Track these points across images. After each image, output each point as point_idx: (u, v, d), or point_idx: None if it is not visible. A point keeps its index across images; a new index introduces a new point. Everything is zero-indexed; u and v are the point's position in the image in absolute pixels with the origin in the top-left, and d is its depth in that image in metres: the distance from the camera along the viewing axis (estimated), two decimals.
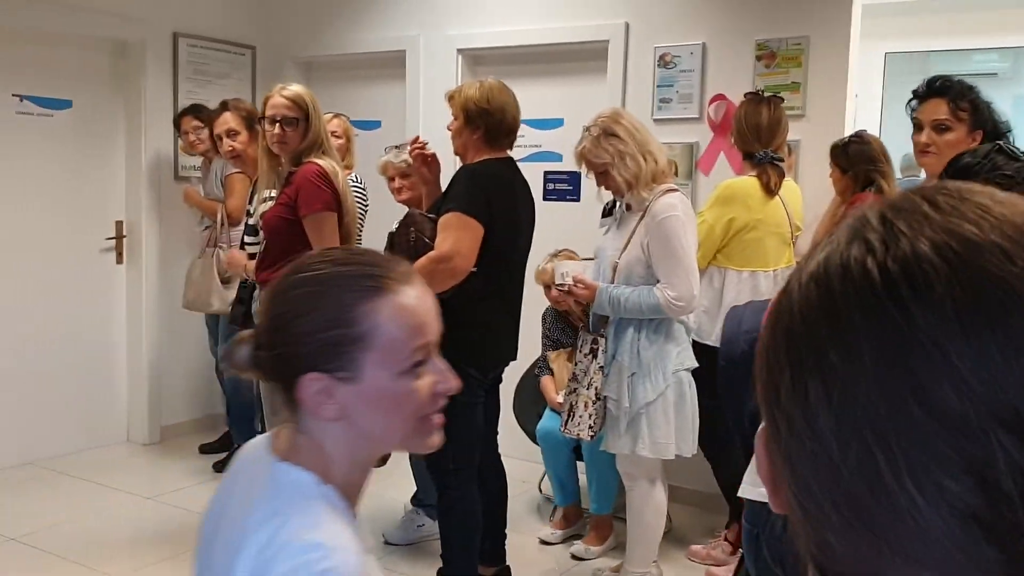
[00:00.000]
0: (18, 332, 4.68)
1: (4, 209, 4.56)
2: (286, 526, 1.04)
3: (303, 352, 1.10)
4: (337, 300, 1.11)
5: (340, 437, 1.13)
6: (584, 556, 3.77)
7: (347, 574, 1.02)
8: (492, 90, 3.14)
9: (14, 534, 3.87)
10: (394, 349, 1.11)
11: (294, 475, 1.11)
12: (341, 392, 1.10)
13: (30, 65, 4.66)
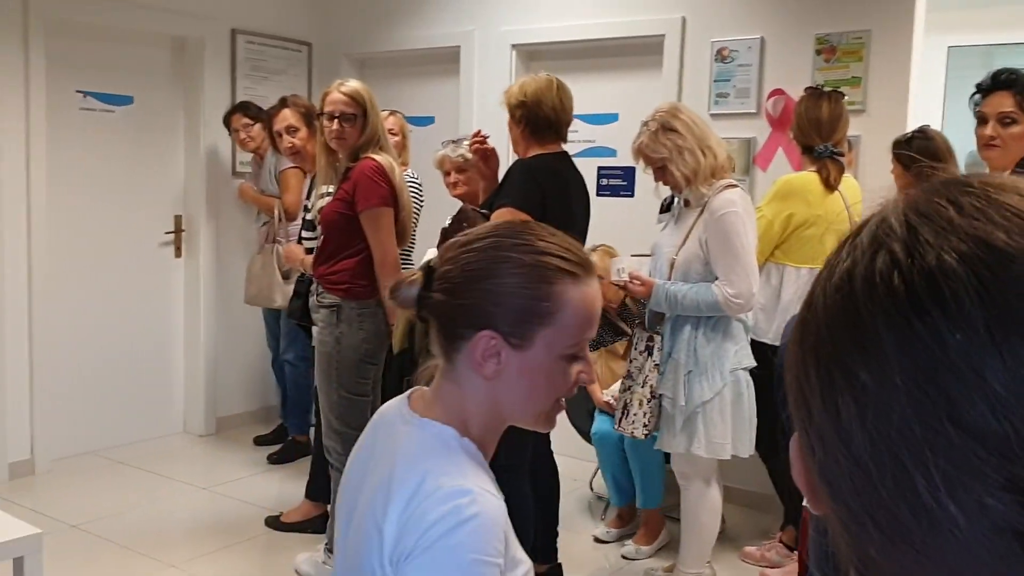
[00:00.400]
0: (81, 324, 4.78)
1: (68, 204, 4.65)
2: (432, 475, 1.11)
3: (491, 310, 1.17)
4: (538, 274, 1.18)
5: (485, 394, 1.19)
6: (634, 556, 3.74)
7: (492, 517, 1.09)
8: (531, 84, 3.15)
9: (76, 521, 3.96)
10: (567, 333, 1.18)
11: (436, 429, 1.19)
12: (507, 355, 1.17)
13: (93, 62, 4.75)
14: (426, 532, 1.07)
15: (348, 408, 3.35)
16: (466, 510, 1.07)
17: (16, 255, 4.36)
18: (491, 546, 1.08)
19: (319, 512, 3.90)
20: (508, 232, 1.22)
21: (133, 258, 4.99)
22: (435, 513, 1.07)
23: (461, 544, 1.07)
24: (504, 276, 1.17)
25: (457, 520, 1.07)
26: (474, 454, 1.18)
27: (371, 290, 3.31)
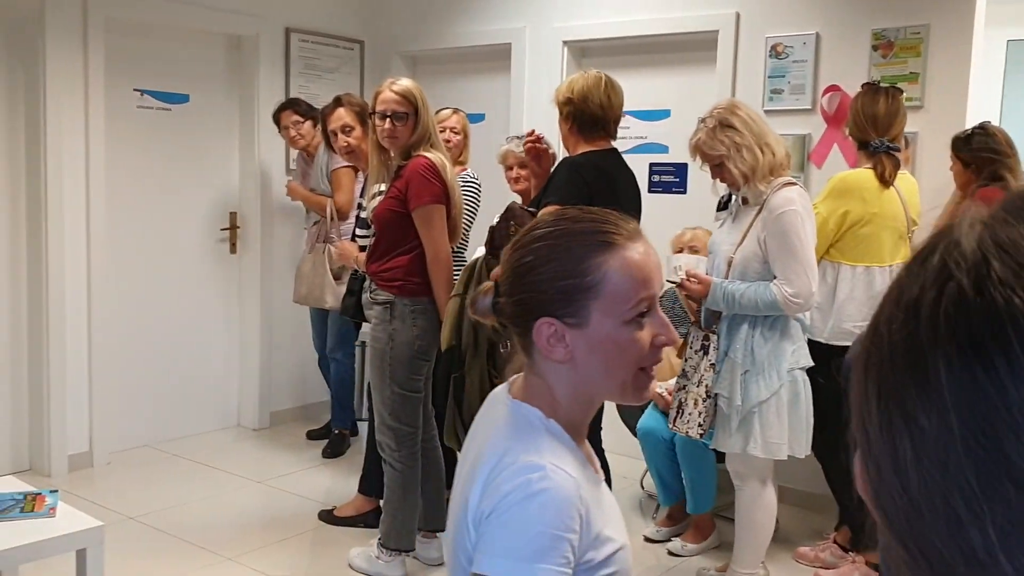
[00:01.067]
0: (138, 320, 4.87)
1: (125, 201, 4.74)
2: (512, 451, 1.18)
3: (540, 299, 1.23)
4: (571, 253, 1.22)
5: (567, 378, 1.24)
6: (680, 552, 3.73)
7: (562, 493, 1.13)
8: (577, 81, 3.16)
9: (133, 514, 4.03)
10: (619, 299, 1.20)
11: (524, 410, 1.25)
12: (570, 336, 1.21)
13: (150, 60, 4.83)
14: (499, 502, 1.14)
15: (401, 404, 3.37)
16: (536, 484, 1.13)
17: (76, 252, 4.45)
18: (560, 520, 1.12)
19: (371, 507, 3.93)
20: (544, 223, 1.28)
21: (189, 255, 5.07)
22: (508, 485, 1.14)
23: (529, 515, 1.12)
24: (543, 264, 1.23)
25: (526, 493, 1.13)
26: (559, 435, 1.23)
27: (424, 287, 3.33)
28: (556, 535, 1.11)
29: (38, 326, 4.42)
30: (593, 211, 1.29)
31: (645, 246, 1.25)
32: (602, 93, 3.13)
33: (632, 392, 1.25)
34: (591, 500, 1.19)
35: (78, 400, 4.53)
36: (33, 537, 2.57)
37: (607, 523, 1.22)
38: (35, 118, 4.32)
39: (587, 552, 1.17)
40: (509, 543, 1.12)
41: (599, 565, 1.18)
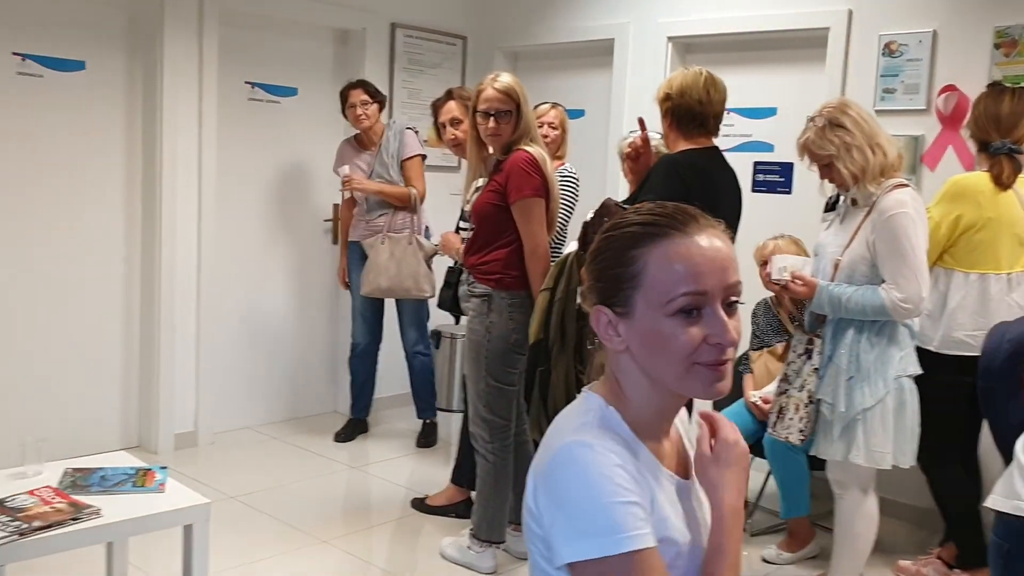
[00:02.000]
0: (244, 306, 5.03)
1: (235, 190, 4.89)
2: (564, 431, 1.23)
3: (596, 288, 1.26)
4: (620, 243, 1.24)
5: (629, 368, 1.25)
6: (774, 561, 3.66)
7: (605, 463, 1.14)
8: (678, 77, 3.13)
9: (234, 493, 4.16)
10: (659, 290, 1.19)
11: (590, 399, 1.28)
12: (622, 327, 1.23)
13: (261, 53, 4.97)
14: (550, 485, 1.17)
15: (496, 397, 3.40)
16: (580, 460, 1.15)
17: (187, 240, 4.62)
18: (615, 488, 1.12)
19: (463, 497, 3.98)
20: (615, 217, 1.32)
21: (293, 244, 5.20)
22: (557, 467, 1.17)
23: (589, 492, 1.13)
24: (599, 254, 1.27)
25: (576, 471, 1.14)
26: (615, 425, 1.23)
27: (521, 281, 3.34)
28: (618, 503, 1.12)
29: (150, 311, 4.61)
30: (662, 205, 1.27)
31: (710, 240, 1.20)
32: (701, 89, 3.09)
33: (693, 387, 1.21)
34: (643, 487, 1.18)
35: (185, 382, 4.70)
36: (143, 511, 2.68)
37: (672, 518, 1.22)
38: (152, 107, 4.49)
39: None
40: (581, 524, 1.12)
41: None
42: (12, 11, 4.09)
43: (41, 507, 2.56)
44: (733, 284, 1.20)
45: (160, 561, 3.38)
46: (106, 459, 3.05)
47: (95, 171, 4.44)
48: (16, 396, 4.23)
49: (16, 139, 4.16)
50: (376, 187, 4.70)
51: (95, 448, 3.91)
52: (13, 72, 4.12)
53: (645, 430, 1.26)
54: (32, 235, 4.25)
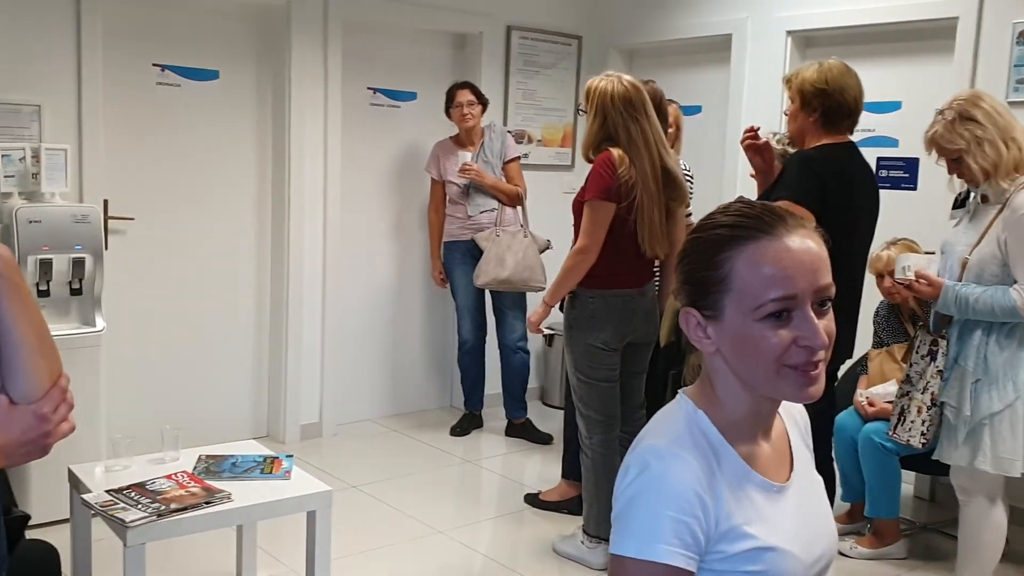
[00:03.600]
0: (366, 303, 5.20)
1: (357, 191, 5.06)
2: (648, 436, 1.25)
3: (685, 290, 1.26)
4: (707, 245, 1.23)
5: (719, 370, 1.25)
6: (848, 553, 3.60)
7: (675, 477, 1.16)
8: (831, 71, 3.05)
9: (355, 482, 4.31)
10: (747, 295, 1.18)
11: (682, 402, 1.29)
12: (711, 329, 1.23)
13: (382, 60, 5.11)
14: (624, 485, 1.19)
15: (586, 392, 3.44)
16: (652, 467, 1.17)
17: (313, 242, 4.81)
18: (675, 503, 1.14)
19: (576, 493, 4.00)
20: (710, 212, 1.28)
21: (411, 243, 5.33)
22: (633, 468, 1.19)
23: (648, 497, 1.15)
24: (687, 255, 1.26)
25: (644, 475, 1.17)
26: (703, 427, 1.23)
27: (603, 280, 3.37)
28: (672, 517, 1.14)
29: (278, 309, 4.81)
30: (750, 205, 1.25)
31: (800, 242, 1.18)
32: (857, 85, 3.06)
33: (782, 390, 1.20)
34: (731, 495, 1.19)
35: (311, 375, 4.89)
36: (271, 496, 2.82)
37: (755, 522, 1.21)
38: (280, 113, 4.69)
39: (718, 542, 1.17)
40: (632, 525, 1.16)
41: (734, 559, 1.18)
42: (153, 26, 4.34)
43: (177, 490, 2.72)
44: (824, 286, 1.18)
45: (286, 545, 3.53)
46: (237, 447, 3.22)
47: (228, 174, 4.67)
48: (157, 387, 4.49)
49: (156, 144, 4.41)
50: (493, 180, 4.83)
51: (227, 437, 4.11)
52: (153, 82, 4.38)
53: (738, 432, 1.25)
54: (170, 235, 4.50)
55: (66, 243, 3.63)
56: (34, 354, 1.30)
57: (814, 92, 3.03)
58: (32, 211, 3.58)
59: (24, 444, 1.29)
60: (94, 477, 2.87)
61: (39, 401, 1.30)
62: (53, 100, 3.93)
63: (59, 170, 3.73)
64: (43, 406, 1.30)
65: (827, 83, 3.02)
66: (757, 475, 1.25)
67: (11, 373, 1.30)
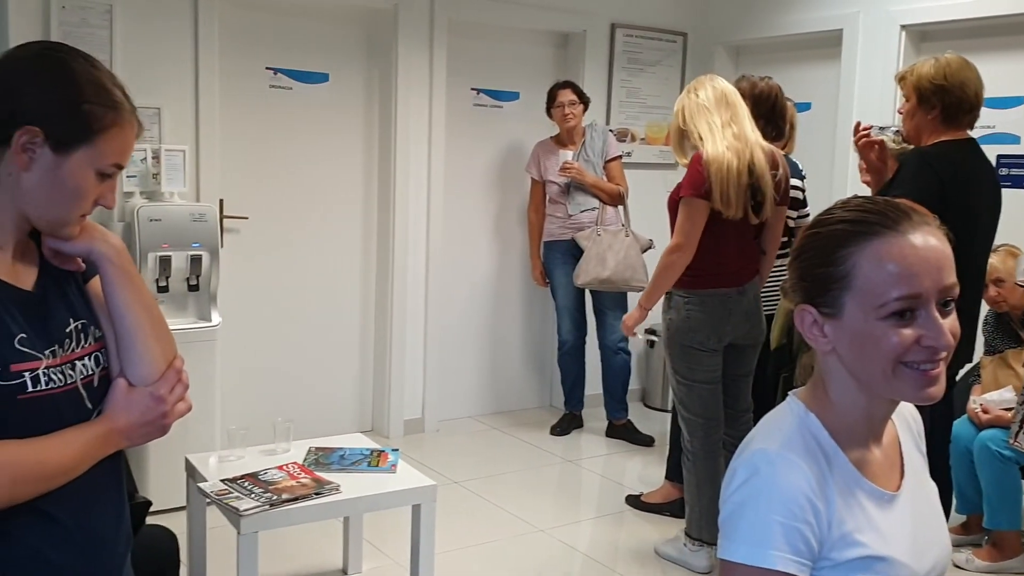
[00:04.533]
0: (467, 302, 5.26)
1: (463, 192, 5.12)
2: (756, 439, 1.22)
3: (801, 287, 1.23)
4: (826, 241, 1.20)
5: (834, 370, 1.22)
6: (963, 566, 3.46)
7: (786, 482, 1.13)
8: (949, 65, 2.93)
9: (457, 478, 4.36)
10: (871, 293, 1.15)
11: (792, 404, 1.26)
12: (828, 327, 1.19)
13: (486, 60, 5.16)
14: (733, 489, 1.17)
15: (687, 393, 3.41)
16: (762, 472, 1.15)
17: (417, 241, 4.89)
18: (786, 508, 1.12)
19: (679, 495, 3.95)
20: (828, 208, 1.25)
21: (512, 242, 5.36)
22: (741, 472, 1.17)
23: (758, 502, 1.13)
24: (804, 252, 1.23)
25: (753, 480, 1.15)
26: (814, 431, 1.21)
27: (699, 280, 3.33)
28: (784, 523, 1.11)
29: (384, 306, 4.91)
30: (872, 200, 1.21)
31: (924, 239, 1.15)
32: (977, 79, 2.96)
33: (900, 389, 1.16)
34: (843, 502, 1.16)
35: (415, 372, 4.98)
36: (377, 489, 2.88)
37: (869, 531, 1.17)
38: (387, 114, 4.78)
39: (829, 550, 1.15)
40: (743, 530, 1.13)
41: (843, 567, 1.15)
42: (266, 30, 4.48)
43: (288, 481, 2.81)
44: (949, 285, 1.15)
45: (389, 538, 3.60)
46: (344, 440, 3.30)
47: (336, 174, 4.78)
48: (268, 380, 4.64)
49: (268, 145, 4.56)
50: (594, 179, 4.83)
51: (334, 430, 4.21)
52: (266, 85, 4.52)
53: (849, 437, 1.22)
54: (282, 233, 4.64)
55: (184, 241, 3.78)
56: (149, 338, 1.36)
57: (932, 88, 2.91)
58: (152, 210, 3.74)
59: (144, 425, 1.35)
60: (209, 466, 2.98)
61: (156, 383, 1.36)
62: (172, 103, 4.10)
63: (178, 170, 3.89)
64: (160, 387, 1.36)
65: (946, 78, 2.91)
66: (867, 482, 1.21)
67: (128, 357, 1.36)
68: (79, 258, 1.38)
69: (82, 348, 1.34)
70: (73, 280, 1.39)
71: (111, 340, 1.37)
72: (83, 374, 1.33)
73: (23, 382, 1.23)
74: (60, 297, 1.35)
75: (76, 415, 1.30)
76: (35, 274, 1.34)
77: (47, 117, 1.25)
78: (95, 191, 1.31)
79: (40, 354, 1.26)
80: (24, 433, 1.22)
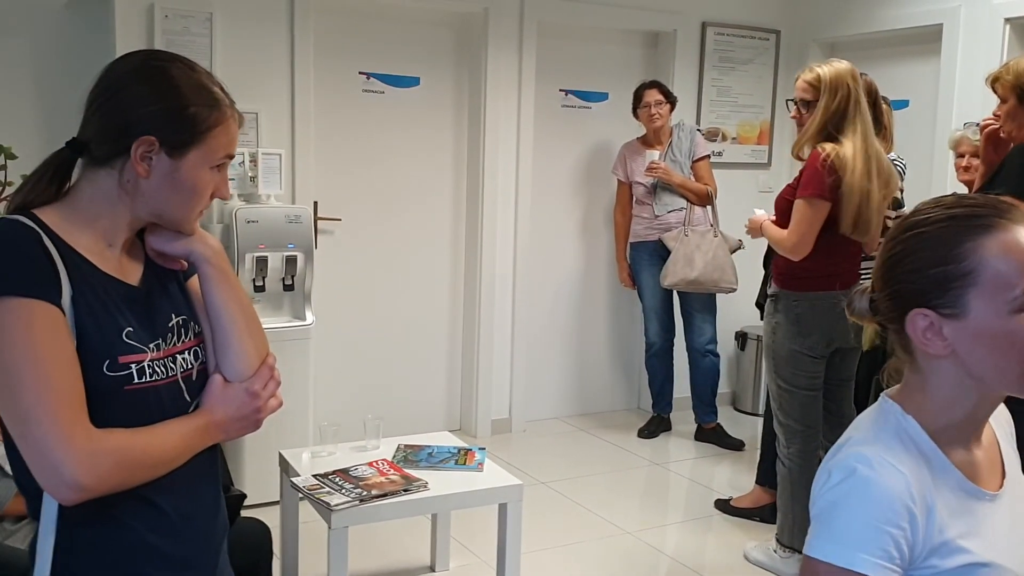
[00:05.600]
0: (552, 304, 5.27)
1: (552, 194, 5.14)
2: (851, 442, 1.19)
3: (911, 289, 1.17)
4: (943, 238, 1.15)
5: (946, 375, 1.18)
6: None
7: (884, 485, 1.11)
8: None
9: (544, 479, 4.37)
10: (1001, 286, 1.12)
11: (887, 406, 1.22)
12: (948, 329, 1.15)
13: (574, 61, 5.16)
14: (827, 489, 1.14)
15: (787, 400, 3.33)
16: (859, 474, 1.12)
17: (505, 242, 4.92)
18: (881, 513, 1.09)
19: (769, 500, 3.89)
20: (912, 212, 1.22)
21: (600, 244, 5.34)
22: (837, 473, 1.14)
23: (850, 504, 1.11)
24: (914, 252, 1.17)
25: (849, 482, 1.12)
26: (913, 433, 1.18)
27: (809, 282, 3.25)
28: (877, 527, 1.09)
29: (472, 306, 4.95)
30: (972, 197, 1.19)
31: None
32: None
33: None
34: (944, 506, 1.13)
35: (501, 372, 5.01)
36: (465, 487, 2.91)
37: (972, 536, 1.14)
38: (477, 116, 4.83)
39: (929, 557, 1.12)
40: (833, 529, 1.11)
41: (946, 574, 1.12)
42: (359, 35, 4.57)
43: (378, 477, 2.86)
44: None
45: (476, 536, 3.63)
46: (432, 438, 3.35)
47: (427, 176, 4.85)
48: (359, 378, 4.73)
49: (361, 148, 4.65)
50: (681, 179, 4.78)
51: (423, 428, 4.28)
52: (360, 90, 4.61)
53: (949, 439, 1.19)
54: (373, 235, 4.72)
55: (280, 242, 3.89)
56: (243, 335, 1.41)
57: None
58: (250, 212, 3.85)
59: (239, 419, 1.39)
60: (302, 462, 3.06)
61: (250, 379, 1.40)
62: (269, 107, 4.22)
63: (274, 173, 4.00)
64: (254, 383, 1.40)
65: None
66: (970, 483, 1.19)
67: (224, 353, 1.41)
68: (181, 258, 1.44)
69: (183, 343, 1.39)
70: (175, 278, 1.45)
71: (208, 336, 1.43)
72: (183, 368, 1.38)
73: (130, 373, 1.29)
74: (163, 293, 1.40)
75: (176, 407, 1.36)
76: (141, 271, 1.40)
77: (159, 126, 1.31)
78: (211, 185, 1.38)
79: (145, 347, 1.32)
80: (130, 422, 1.28)
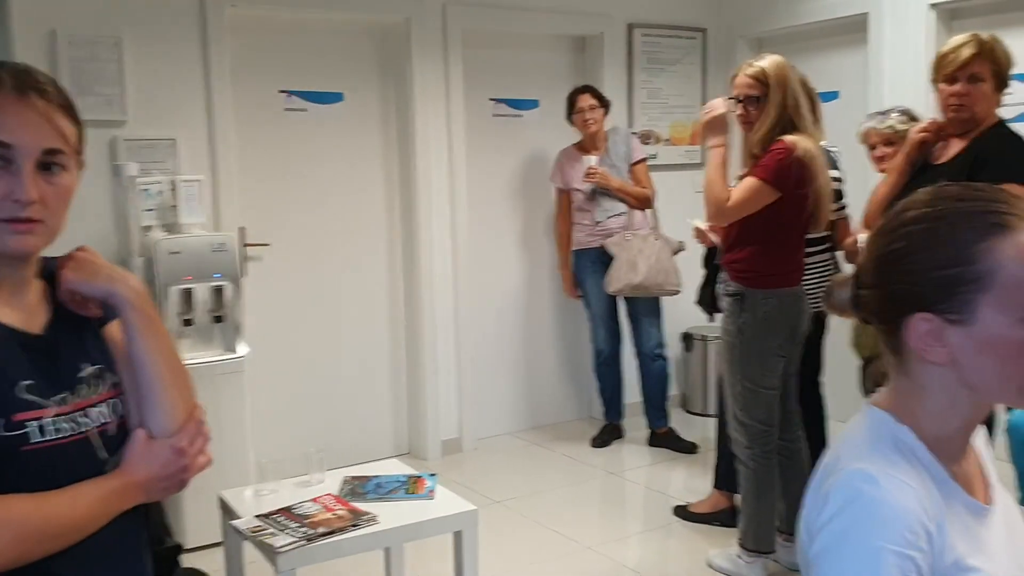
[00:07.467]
0: (496, 317, 5.16)
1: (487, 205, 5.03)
2: (846, 457, 1.09)
3: (914, 290, 1.07)
4: (956, 237, 1.05)
5: (942, 383, 1.09)
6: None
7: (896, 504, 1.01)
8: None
9: (498, 498, 4.25)
10: (1016, 292, 1.02)
11: (875, 415, 1.13)
12: (951, 335, 1.05)
13: (503, 69, 5.07)
14: (824, 511, 1.04)
15: (752, 400, 3.25)
16: (866, 494, 1.02)
17: (443, 257, 4.79)
18: (896, 534, 0.99)
19: (727, 504, 3.83)
20: (918, 203, 1.10)
21: (539, 254, 5.26)
22: (839, 495, 1.04)
23: (861, 529, 1.01)
24: (919, 250, 1.07)
25: (857, 504, 1.02)
26: (911, 445, 1.09)
27: (777, 279, 3.19)
28: (893, 550, 0.98)
29: (414, 325, 4.82)
30: (980, 187, 1.09)
31: None
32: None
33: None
34: (950, 522, 1.04)
35: (449, 391, 4.88)
36: (416, 517, 2.77)
37: (977, 553, 1.05)
38: (405, 130, 4.70)
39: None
40: (847, 562, 1.00)
41: None
42: (277, 53, 4.42)
43: (324, 514, 2.71)
44: None
45: (434, 564, 3.49)
46: (380, 467, 3.20)
47: (357, 194, 4.70)
48: (299, 409, 4.56)
49: (286, 169, 4.49)
50: (619, 183, 4.72)
51: (370, 455, 4.13)
52: (281, 108, 4.45)
53: (944, 450, 1.11)
54: (305, 257, 4.56)
55: (206, 272, 3.71)
56: (169, 388, 1.30)
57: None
58: (172, 242, 3.68)
59: (163, 479, 1.28)
60: (243, 501, 2.89)
61: (176, 435, 1.29)
62: (186, 133, 4.04)
63: (195, 201, 3.82)
64: (180, 440, 1.29)
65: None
66: (968, 497, 1.10)
67: (148, 407, 1.29)
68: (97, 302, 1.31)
69: (97, 394, 1.27)
70: (89, 324, 1.32)
71: (130, 388, 1.30)
72: (99, 422, 1.26)
73: (26, 432, 1.15)
74: (74, 341, 1.28)
75: (88, 467, 1.23)
76: (47, 318, 1.27)
77: None
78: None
79: (47, 401, 1.19)
80: (32, 487, 1.14)
